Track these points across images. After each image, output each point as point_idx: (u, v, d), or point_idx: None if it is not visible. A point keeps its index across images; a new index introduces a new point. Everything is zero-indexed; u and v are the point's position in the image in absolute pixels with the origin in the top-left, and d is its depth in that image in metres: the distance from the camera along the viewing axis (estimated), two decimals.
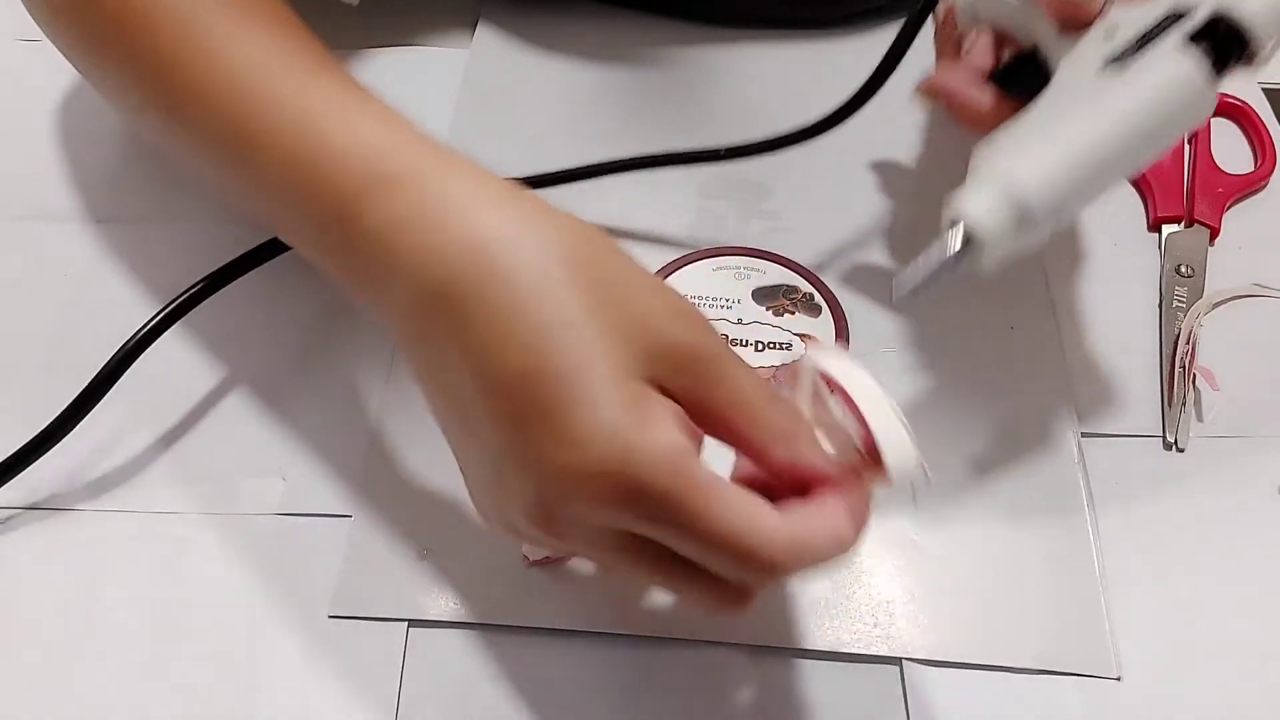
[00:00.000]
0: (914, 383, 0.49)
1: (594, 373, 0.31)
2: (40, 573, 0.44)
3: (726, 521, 0.32)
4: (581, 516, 0.32)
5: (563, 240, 0.34)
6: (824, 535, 0.33)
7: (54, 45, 0.50)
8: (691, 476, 0.32)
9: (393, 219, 0.35)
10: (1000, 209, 0.38)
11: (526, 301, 0.32)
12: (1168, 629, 0.43)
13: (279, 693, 0.41)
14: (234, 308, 0.51)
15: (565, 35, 0.63)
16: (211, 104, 0.40)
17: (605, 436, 0.31)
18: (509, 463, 0.33)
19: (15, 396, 0.47)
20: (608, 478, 0.31)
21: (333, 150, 0.37)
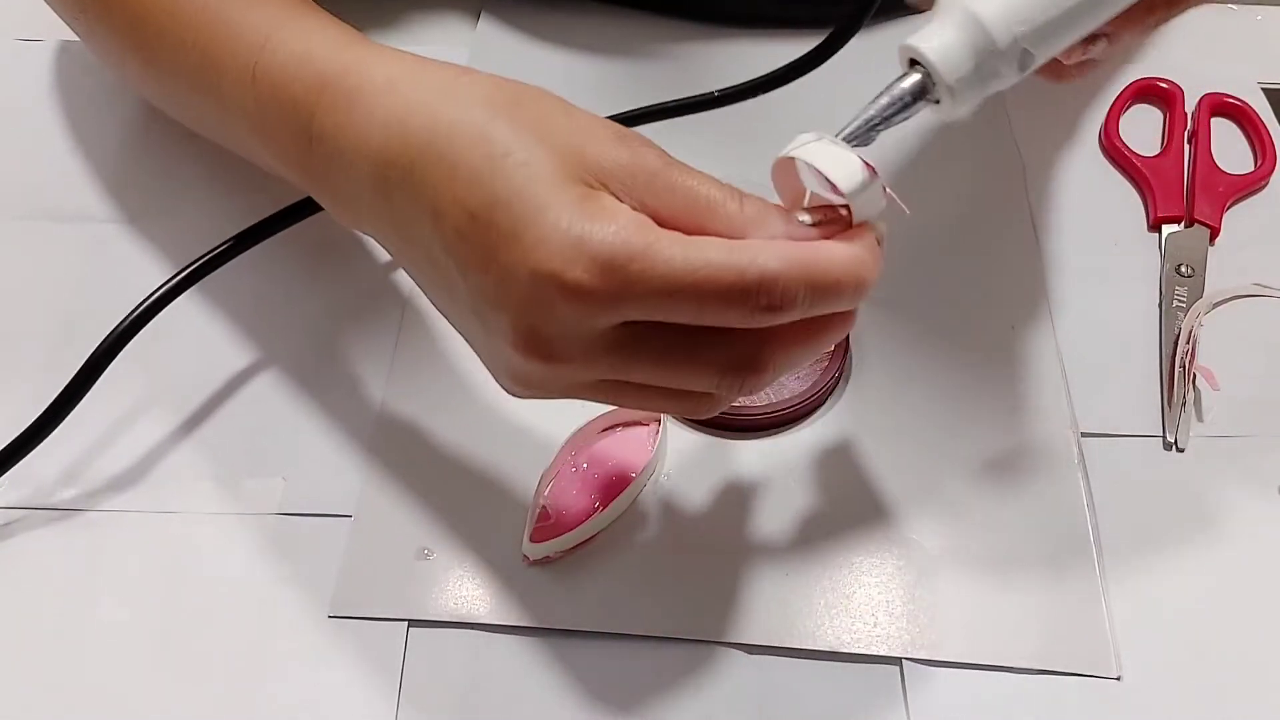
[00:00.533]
0: (914, 382, 0.49)
1: (537, 187, 0.33)
2: (41, 573, 0.44)
3: (705, 257, 0.32)
4: (565, 325, 0.33)
5: (486, 91, 0.35)
6: (826, 253, 0.33)
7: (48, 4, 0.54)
8: (654, 235, 0.32)
9: (337, 113, 0.38)
10: (959, 43, 0.36)
11: (461, 149, 0.34)
12: (1168, 629, 0.43)
13: (279, 692, 0.41)
14: (234, 308, 0.51)
15: (566, 33, 0.63)
16: (184, 35, 0.44)
17: (560, 233, 0.32)
18: (486, 305, 0.34)
19: (15, 396, 0.47)
20: (572, 267, 0.31)
21: (288, 60, 0.40)
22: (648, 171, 0.34)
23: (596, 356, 0.34)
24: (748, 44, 0.63)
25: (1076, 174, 0.58)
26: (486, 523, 0.45)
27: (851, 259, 0.34)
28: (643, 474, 0.45)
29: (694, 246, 0.32)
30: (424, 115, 0.35)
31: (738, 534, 0.45)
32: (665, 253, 0.32)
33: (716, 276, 0.32)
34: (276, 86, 0.40)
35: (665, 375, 0.34)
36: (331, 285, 0.52)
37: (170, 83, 0.48)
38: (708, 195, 0.34)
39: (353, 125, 0.37)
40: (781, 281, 0.32)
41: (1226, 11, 0.67)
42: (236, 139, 0.46)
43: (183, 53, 0.45)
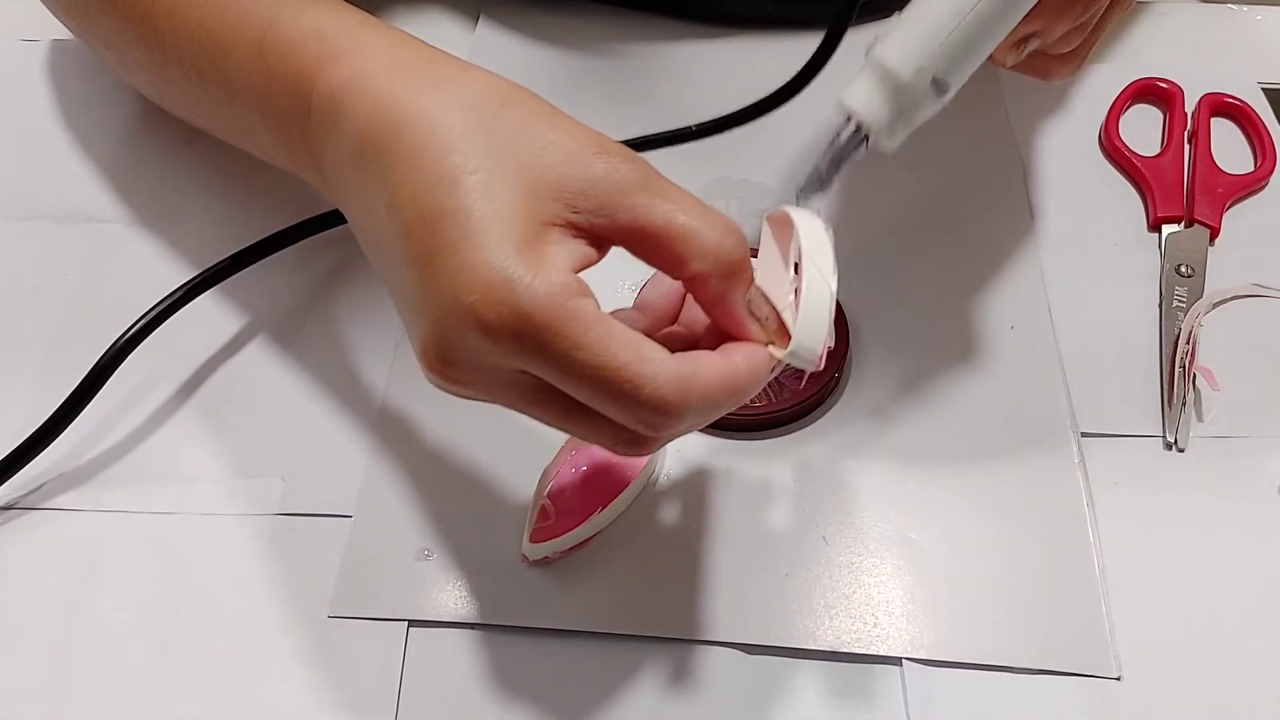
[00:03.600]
0: (914, 382, 0.49)
1: (487, 212, 0.33)
2: (40, 573, 0.44)
3: (609, 354, 0.32)
4: (471, 354, 0.33)
5: (477, 93, 0.36)
6: (716, 375, 0.34)
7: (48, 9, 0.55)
8: (575, 311, 0.32)
9: (332, 89, 0.38)
10: (875, 89, 0.40)
11: (431, 150, 0.34)
12: (1168, 629, 0.43)
13: (279, 693, 0.41)
14: (234, 309, 0.51)
15: (566, 34, 0.63)
16: (189, 17, 0.45)
17: (493, 270, 0.32)
18: (413, 305, 0.34)
19: (15, 396, 0.47)
20: (491, 308, 0.32)
21: (296, 35, 0.41)
22: (622, 189, 0.34)
23: (496, 389, 0.35)
24: (747, 44, 0.63)
25: (1076, 174, 0.58)
26: (486, 523, 0.45)
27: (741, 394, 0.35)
28: (643, 474, 0.45)
29: (607, 339, 0.32)
30: (410, 106, 0.35)
31: (738, 534, 0.45)
32: (581, 336, 0.32)
33: (615, 378, 0.32)
34: (284, 58, 0.41)
35: (559, 424, 0.35)
36: (332, 285, 0.52)
37: (174, 69, 0.48)
38: (684, 223, 0.34)
39: (348, 98, 0.37)
40: (673, 411, 0.33)
41: (1226, 11, 0.67)
42: (235, 119, 0.46)
43: (187, 35, 0.45)
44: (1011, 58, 0.44)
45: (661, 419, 0.33)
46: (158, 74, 0.51)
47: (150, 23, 0.47)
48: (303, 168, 0.42)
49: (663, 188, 0.35)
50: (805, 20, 0.62)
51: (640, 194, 0.34)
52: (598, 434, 0.35)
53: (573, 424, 0.35)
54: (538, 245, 0.33)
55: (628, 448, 0.36)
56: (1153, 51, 0.64)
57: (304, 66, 0.40)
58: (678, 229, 0.34)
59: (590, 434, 0.35)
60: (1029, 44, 0.44)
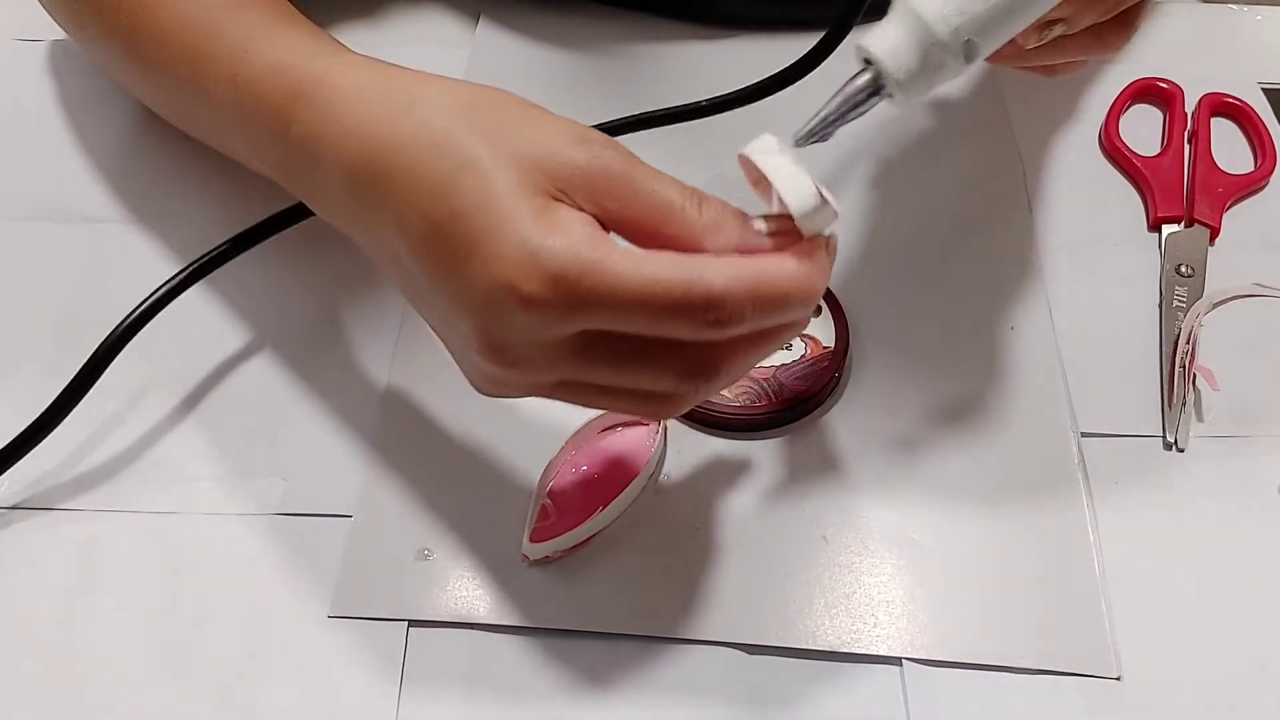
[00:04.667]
0: (914, 382, 0.49)
1: (496, 200, 0.33)
2: (39, 573, 0.44)
3: (650, 274, 0.32)
4: (523, 333, 0.34)
5: (447, 101, 0.36)
6: (773, 269, 0.34)
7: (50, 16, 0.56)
8: (604, 252, 0.32)
9: (310, 123, 0.39)
10: (904, 39, 0.38)
11: (421, 162, 0.35)
12: (1168, 629, 0.43)
13: (279, 693, 0.41)
14: (234, 308, 0.51)
15: (566, 35, 0.63)
16: (172, 46, 0.47)
17: (515, 246, 0.32)
18: (452, 311, 0.35)
19: (15, 396, 0.47)
20: (527, 282, 0.32)
21: (264, 70, 0.42)
22: (608, 175, 0.34)
23: (556, 361, 0.35)
24: (747, 45, 0.63)
25: (1076, 174, 0.58)
26: (486, 523, 0.45)
27: (799, 274, 0.34)
28: (643, 474, 0.45)
29: (644, 262, 0.33)
30: (387, 127, 0.36)
31: (738, 534, 0.45)
32: (616, 268, 0.32)
33: (665, 293, 0.32)
34: (256, 96, 0.42)
35: (623, 378, 0.35)
36: (332, 285, 0.52)
37: (165, 91, 0.50)
38: (667, 200, 0.34)
39: (324, 134, 0.38)
40: (729, 299, 0.33)
41: (1226, 11, 0.67)
42: (228, 143, 0.47)
43: (172, 62, 0.47)
44: (1034, 40, 0.43)
45: (723, 312, 0.33)
46: (152, 96, 0.53)
47: (139, 48, 0.49)
48: (300, 195, 0.43)
49: (643, 171, 0.35)
50: (806, 21, 0.62)
51: (623, 183, 0.34)
52: (660, 375, 0.35)
53: (634, 373, 0.35)
54: (548, 214, 0.33)
55: (699, 379, 0.35)
56: (1153, 51, 0.64)
57: (277, 104, 0.41)
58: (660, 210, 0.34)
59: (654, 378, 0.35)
60: (1053, 29, 0.43)
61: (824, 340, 0.49)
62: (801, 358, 0.49)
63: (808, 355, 0.49)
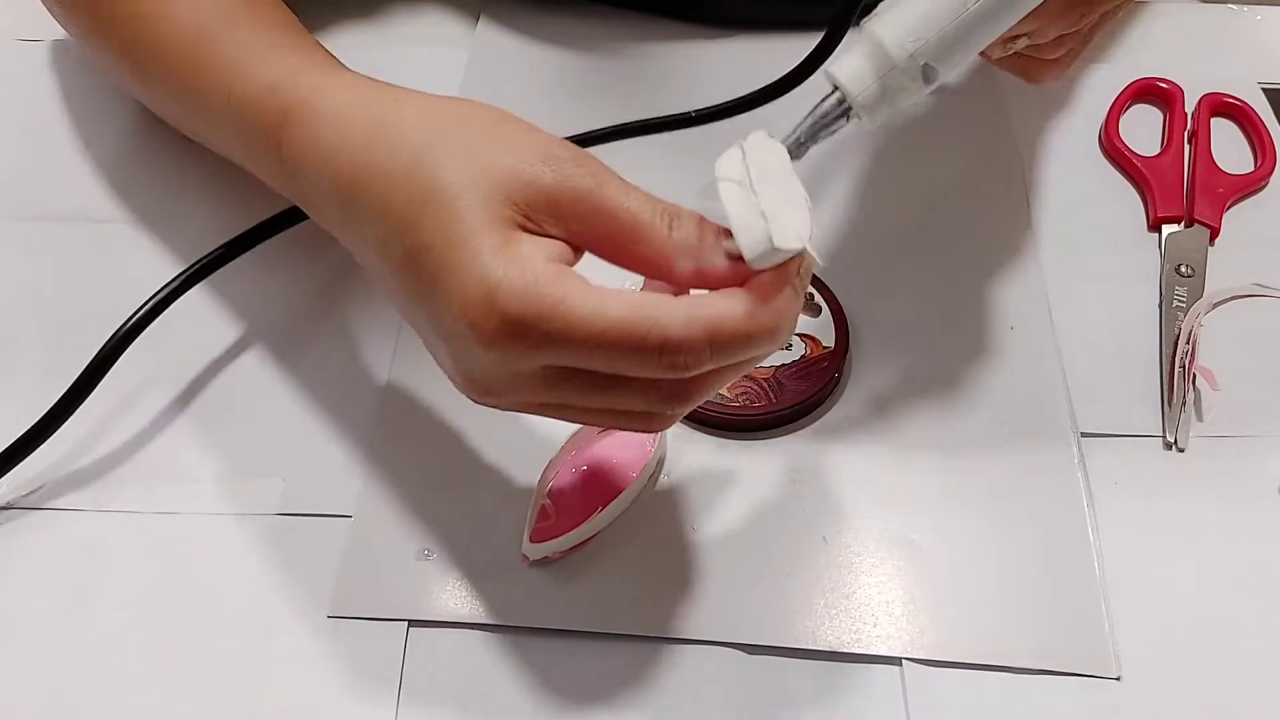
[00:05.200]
0: (913, 382, 0.49)
1: (457, 234, 0.33)
2: (39, 573, 0.44)
3: (606, 318, 0.32)
4: (490, 367, 0.34)
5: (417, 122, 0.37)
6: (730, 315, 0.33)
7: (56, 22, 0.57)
8: (560, 292, 0.32)
9: (299, 144, 0.40)
10: (865, 64, 0.40)
11: (392, 191, 0.35)
12: (1168, 629, 0.43)
13: (279, 693, 0.41)
14: (234, 309, 0.51)
15: (565, 34, 0.63)
16: (169, 60, 0.48)
17: (474, 284, 0.33)
18: (430, 335, 0.36)
19: (15, 396, 0.47)
20: (485, 320, 0.33)
21: (255, 90, 0.43)
22: (575, 194, 0.34)
23: (528, 389, 0.35)
24: (747, 45, 0.63)
25: (1076, 174, 0.58)
26: (486, 523, 0.45)
27: (759, 318, 0.33)
28: (642, 474, 0.45)
29: (601, 305, 0.33)
30: (362, 153, 0.37)
31: (738, 534, 0.45)
32: (572, 312, 0.32)
33: (622, 339, 0.32)
34: (247, 115, 0.43)
35: (598, 401, 0.35)
36: (331, 286, 0.52)
37: (165, 101, 0.52)
38: (635, 218, 0.34)
39: (313, 154, 0.39)
40: (685, 346, 0.33)
41: (1226, 11, 0.67)
42: (227, 152, 0.48)
43: (170, 75, 0.48)
44: (998, 52, 0.44)
45: (679, 358, 0.33)
46: (154, 105, 0.54)
47: (140, 62, 0.50)
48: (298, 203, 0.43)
49: (612, 187, 0.35)
50: (807, 22, 0.62)
51: (590, 202, 0.34)
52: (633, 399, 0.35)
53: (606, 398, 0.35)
54: (509, 248, 0.33)
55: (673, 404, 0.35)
56: (1153, 51, 0.64)
57: (269, 123, 0.42)
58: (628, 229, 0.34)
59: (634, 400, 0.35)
60: (1017, 42, 0.44)
61: (824, 340, 0.49)
62: (801, 358, 0.49)
63: (808, 355, 0.49)
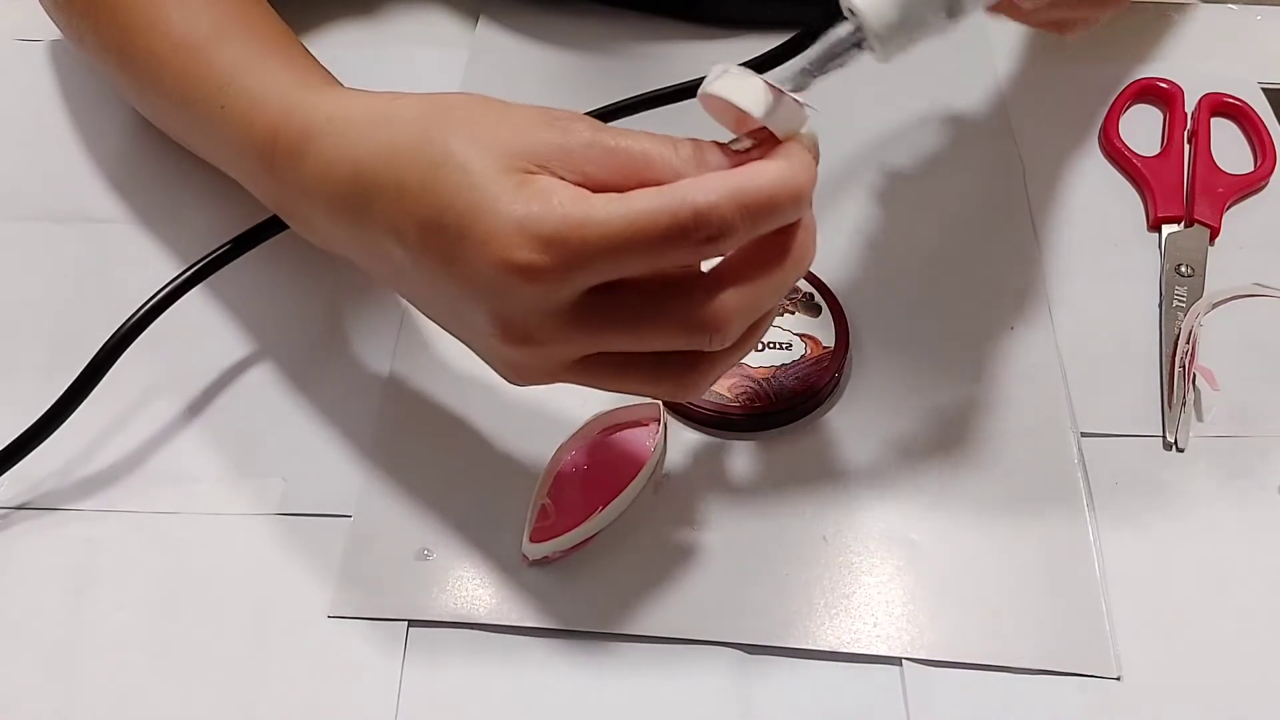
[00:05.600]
0: (914, 382, 0.49)
1: (477, 185, 0.34)
2: (39, 573, 0.44)
3: (638, 207, 0.33)
4: (531, 306, 0.34)
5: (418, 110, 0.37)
6: (754, 173, 0.34)
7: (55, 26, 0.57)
8: (590, 203, 0.33)
9: (292, 158, 0.40)
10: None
11: (403, 168, 0.36)
12: (1168, 629, 0.43)
13: (279, 692, 0.41)
14: (234, 309, 0.51)
15: (565, 34, 0.63)
16: (163, 73, 0.48)
17: (503, 222, 0.33)
18: (460, 304, 0.36)
19: (14, 396, 0.47)
20: (520, 251, 0.33)
21: (246, 106, 0.43)
22: (581, 143, 0.35)
23: (570, 330, 0.35)
24: (747, 45, 0.63)
25: (1076, 174, 0.58)
26: (486, 523, 0.45)
27: (780, 172, 0.34)
28: (643, 474, 0.45)
29: (626, 201, 0.33)
30: (365, 147, 0.37)
31: (738, 534, 0.45)
32: (601, 214, 0.33)
33: (653, 223, 0.33)
34: (238, 130, 0.43)
35: (636, 339, 0.36)
36: (332, 286, 0.52)
37: (159, 111, 0.52)
38: (643, 150, 0.35)
39: (307, 168, 0.39)
40: (715, 212, 0.33)
41: (1226, 11, 0.67)
42: (222, 164, 0.48)
43: (165, 85, 0.48)
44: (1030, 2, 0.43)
45: (713, 226, 0.33)
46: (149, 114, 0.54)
47: (135, 71, 0.50)
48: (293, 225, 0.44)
49: (614, 132, 0.35)
50: (807, 22, 0.62)
51: (598, 144, 0.35)
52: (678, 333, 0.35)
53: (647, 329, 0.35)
54: (528, 185, 0.34)
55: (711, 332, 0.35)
56: (1153, 51, 0.64)
57: (259, 138, 0.42)
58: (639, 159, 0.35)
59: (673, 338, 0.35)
60: None
61: (824, 340, 0.49)
62: (801, 358, 0.49)
63: (808, 355, 0.49)
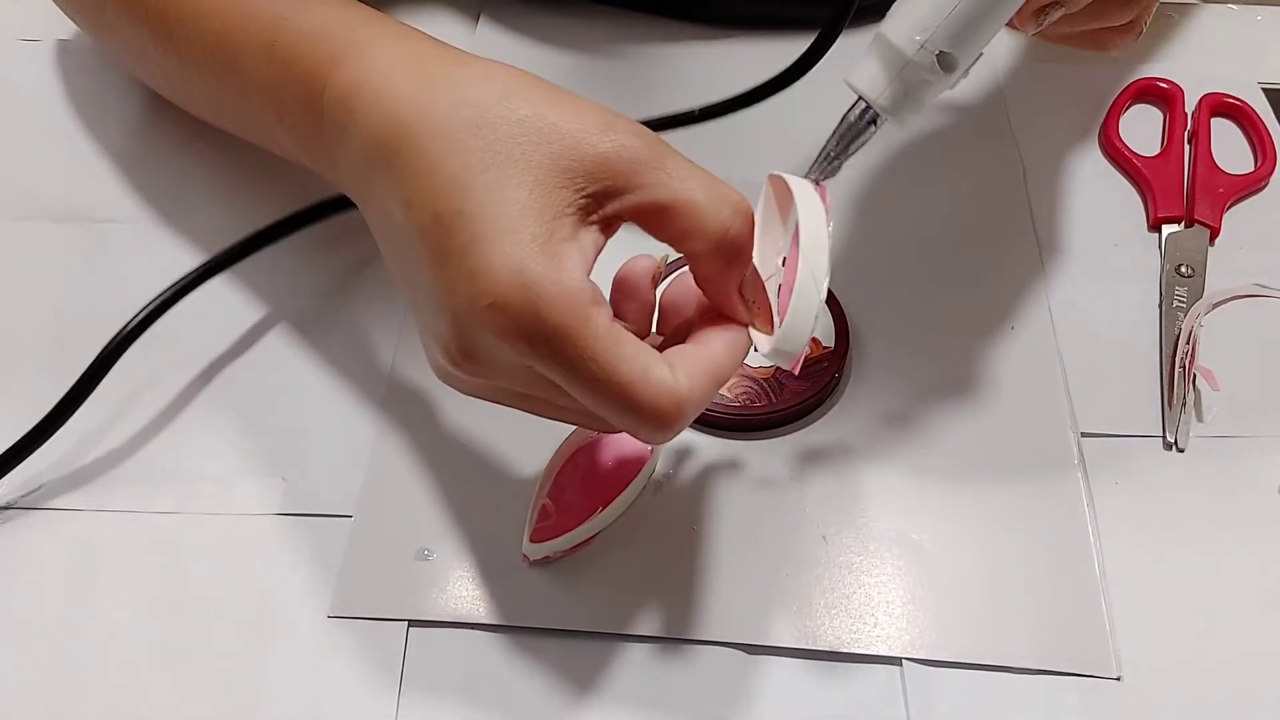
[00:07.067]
0: (914, 382, 0.49)
1: (499, 213, 0.33)
2: (39, 573, 0.44)
3: (615, 369, 0.33)
4: (489, 349, 0.34)
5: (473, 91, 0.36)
6: (705, 377, 0.36)
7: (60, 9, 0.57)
8: (589, 320, 0.33)
9: (339, 95, 0.39)
10: (880, 69, 0.40)
11: (441, 153, 0.35)
12: (1168, 629, 0.43)
13: (279, 693, 0.41)
14: (233, 310, 0.51)
15: (565, 34, 0.63)
16: (201, 20, 0.46)
17: (511, 269, 0.33)
18: (432, 302, 0.35)
19: (15, 397, 0.47)
20: (510, 308, 0.33)
21: (303, 38, 0.42)
22: (631, 167, 0.34)
23: (516, 376, 0.35)
24: (747, 45, 0.63)
25: (1076, 174, 0.58)
26: (486, 523, 0.45)
27: (729, 371, 0.37)
28: (643, 474, 0.45)
29: (617, 351, 0.33)
30: (414, 109, 0.36)
31: (738, 534, 0.45)
32: (590, 344, 0.33)
33: (618, 394, 0.33)
34: (292, 61, 0.42)
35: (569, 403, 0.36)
36: (332, 287, 0.52)
37: (189, 69, 0.49)
38: (691, 201, 0.35)
39: (357, 101, 0.38)
40: (666, 424, 0.34)
41: (1226, 11, 0.67)
42: (251, 118, 0.47)
43: (201, 36, 0.46)
44: (1031, 26, 0.44)
45: (655, 432, 0.35)
46: (175, 75, 0.52)
47: (164, 25, 0.48)
48: (320, 166, 0.43)
49: (672, 163, 0.35)
50: (807, 21, 0.62)
51: (648, 171, 0.35)
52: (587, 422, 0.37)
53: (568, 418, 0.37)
54: (552, 245, 0.33)
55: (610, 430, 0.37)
56: (1153, 51, 0.64)
57: (312, 69, 0.40)
58: (684, 206, 0.35)
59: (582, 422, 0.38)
60: (1050, 14, 0.43)
61: (824, 340, 0.49)
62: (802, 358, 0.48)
63: (808, 355, 0.49)
